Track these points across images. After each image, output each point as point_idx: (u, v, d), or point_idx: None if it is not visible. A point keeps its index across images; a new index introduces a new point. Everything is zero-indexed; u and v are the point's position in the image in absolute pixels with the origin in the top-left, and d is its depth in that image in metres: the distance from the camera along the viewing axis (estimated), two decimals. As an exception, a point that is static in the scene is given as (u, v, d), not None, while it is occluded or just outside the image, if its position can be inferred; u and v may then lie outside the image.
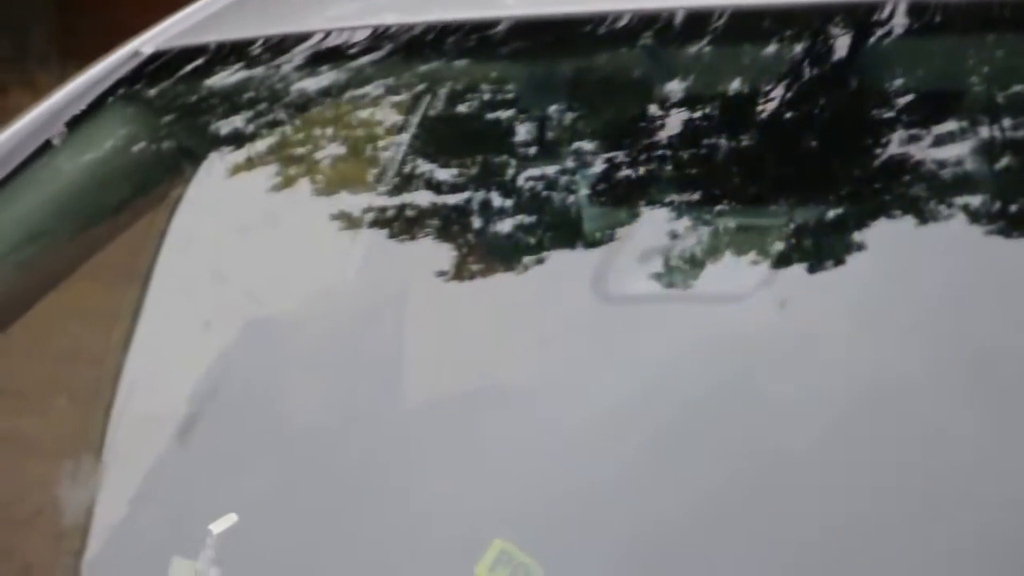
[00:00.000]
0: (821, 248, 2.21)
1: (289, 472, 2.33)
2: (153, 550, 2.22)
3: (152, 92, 2.69)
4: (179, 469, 2.38)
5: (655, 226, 2.28)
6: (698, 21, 2.39)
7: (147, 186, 2.76)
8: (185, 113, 2.72)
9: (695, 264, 2.25)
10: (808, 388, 2.16)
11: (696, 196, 2.35)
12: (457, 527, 2.19)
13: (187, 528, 2.14)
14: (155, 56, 2.64)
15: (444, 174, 2.54)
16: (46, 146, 2.56)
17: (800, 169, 2.33)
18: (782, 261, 2.19)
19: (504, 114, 2.59)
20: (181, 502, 2.30)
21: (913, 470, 2.09)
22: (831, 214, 2.27)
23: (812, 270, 2.20)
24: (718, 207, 2.32)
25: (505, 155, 2.49)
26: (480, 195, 2.47)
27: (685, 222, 2.28)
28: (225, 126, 2.66)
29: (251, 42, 2.60)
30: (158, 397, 2.55)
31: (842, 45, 2.31)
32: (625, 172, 2.43)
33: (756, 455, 2.12)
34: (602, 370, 2.24)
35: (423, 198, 2.50)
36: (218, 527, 2.09)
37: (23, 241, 2.65)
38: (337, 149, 2.65)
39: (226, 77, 2.62)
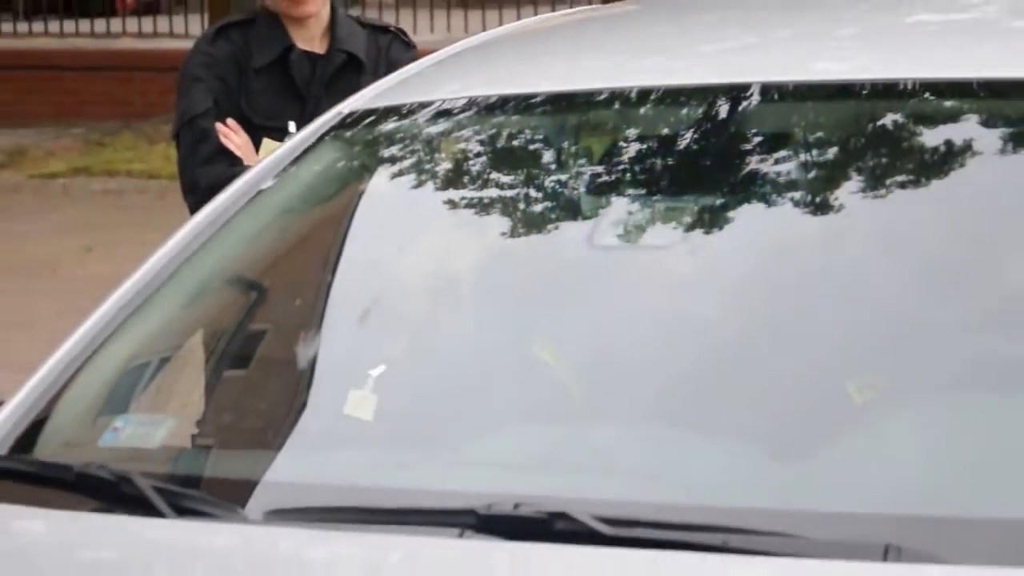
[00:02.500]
0: (707, 219, 2.77)
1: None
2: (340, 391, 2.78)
3: (347, 135, 3.21)
4: (363, 350, 2.93)
5: (622, 209, 2.89)
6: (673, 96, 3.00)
7: (338, 201, 3.27)
8: (367, 152, 3.25)
9: (640, 228, 2.86)
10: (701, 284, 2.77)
11: (644, 191, 2.93)
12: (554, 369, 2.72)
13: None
14: (351, 114, 3.20)
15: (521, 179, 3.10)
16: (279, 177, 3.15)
17: (697, 179, 2.89)
18: (689, 226, 2.77)
19: (566, 147, 3.13)
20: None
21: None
22: (713, 201, 2.81)
23: (704, 231, 2.78)
24: (655, 197, 2.89)
25: (553, 174, 3.09)
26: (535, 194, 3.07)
27: (639, 205, 2.88)
28: (395, 161, 3.21)
29: (418, 105, 3.18)
30: (353, 313, 3.03)
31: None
32: (605, 180, 3.02)
33: (684, 319, 2.70)
34: (594, 278, 2.86)
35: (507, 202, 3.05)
36: (375, 372, 2.74)
37: (256, 241, 3.20)
38: (474, 179, 3.15)
39: (400, 127, 3.18)
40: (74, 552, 2.51)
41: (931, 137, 2.81)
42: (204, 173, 4.73)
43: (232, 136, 4.64)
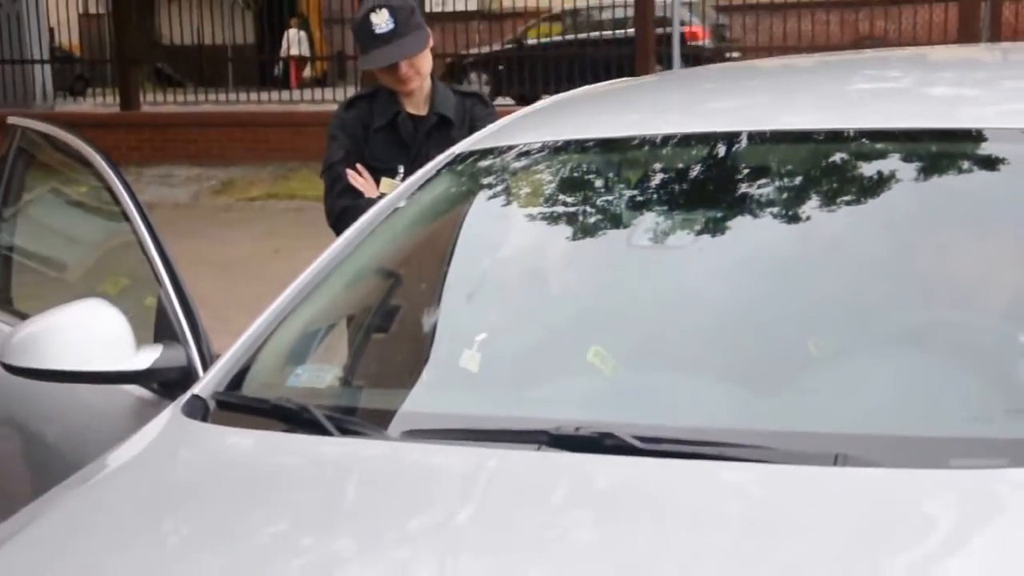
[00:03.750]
0: (710, 226, 2.77)
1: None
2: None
3: (458, 169, 3.17)
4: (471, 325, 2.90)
5: (650, 220, 2.89)
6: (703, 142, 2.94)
7: (451, 214, 3.21)
8: (471, 181, 3.18)
9: (664, 233, 2.84)
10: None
11: (665, 207, 2.91)
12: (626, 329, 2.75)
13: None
14: (460, 154, 3.19)
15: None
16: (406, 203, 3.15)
17: (703, 198, 2.86)
18: (698, 232, 2.77)
19: (610, 176, 3.10)
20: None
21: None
22: (714, 213, 2.79)
23: (708, 235, 2.76)
24: (673, 211, 2.88)
25: (601, 195, 3.06)
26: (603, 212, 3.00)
27: (662, 217, 2.88)
28: (491, 186, 3.18)
29: (507, 147, 3.15)
30: (463, 294, 3.07)
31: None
32: (638, 199, 2.97)
33: (708, 288, 2.72)
34: (631, 270, 2.87)
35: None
36: (479, 337, 2.75)
37: (393, 243, 3.16)
38: (547, 198, 3.12)
39: (494, 163, 3.15)
40: (269, 458, 2.54)
41: (864, 168, 2.81)
42: (336, 203, 4.73)
43: (358, 177, 4.68)
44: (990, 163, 2.72)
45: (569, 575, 1.98)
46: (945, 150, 2.81)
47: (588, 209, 3.07)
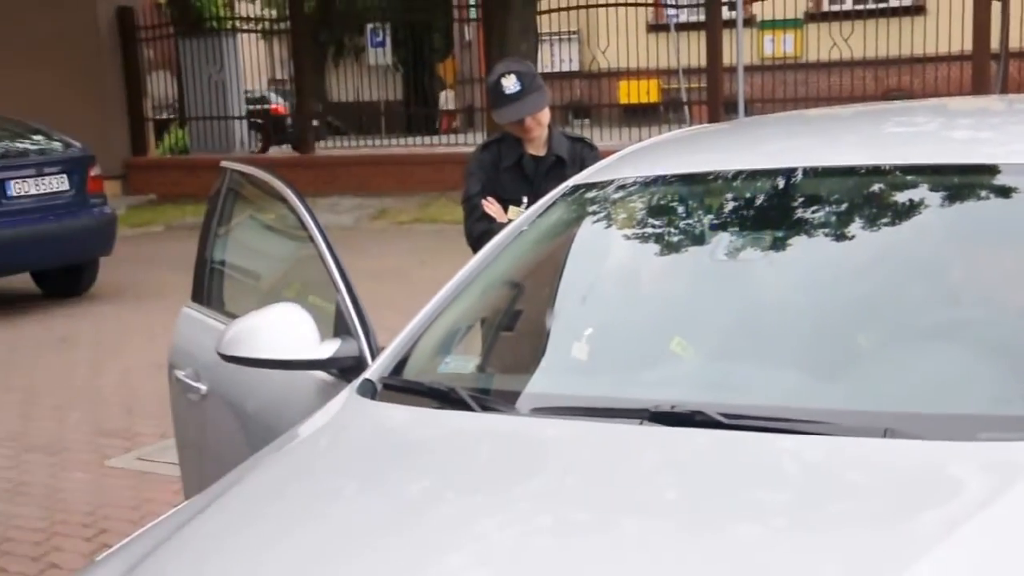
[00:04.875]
0: (775, 243, 2.74)
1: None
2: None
3: (572, 197, 3.14)
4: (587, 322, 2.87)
5: (726, 238, 2.86)
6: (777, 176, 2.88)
7: (567, 234, 3.16)
8: (583, 207, 3.13)
9: (738, 249, 2.79)
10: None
11: (738, 228, 2.85)
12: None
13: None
14: (575, 186, 3.19)
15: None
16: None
17: (768, 221, 2.81)
18: (765, 247, 2.74)
19: (692, 203, 3.03)
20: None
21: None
22: (777, 233, 2.75)
23: (774, 251, 2.73)
24: (745, 231, 2.82)
25: (686, 218, 3.01)
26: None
27: (736, 236, 2.83)
28: (599, 211, 3.15)
29: (610, 180, 3.15)
30: (575, 298, 3.04)
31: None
32: (716, 222, 2.92)
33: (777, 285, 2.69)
34: (713, 279, 2.83)
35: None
36: (587, 332, 2.76)
37: (519, 258, 3.13)
38: (642, 220, 3.07)
39: (601, 193, 3.13)
40: (424, 429, 2.54)
41: (898, 195, 2.77)
42: (474, 227, 4.77)
43: (491, 206, 4.73)
44: (1003, 191, 2.68)
45: (663, 524, 1.98)
46: (965, 181, 2.77)
47: (674, 230, 3.02)
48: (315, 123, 18.89)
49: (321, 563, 2.01)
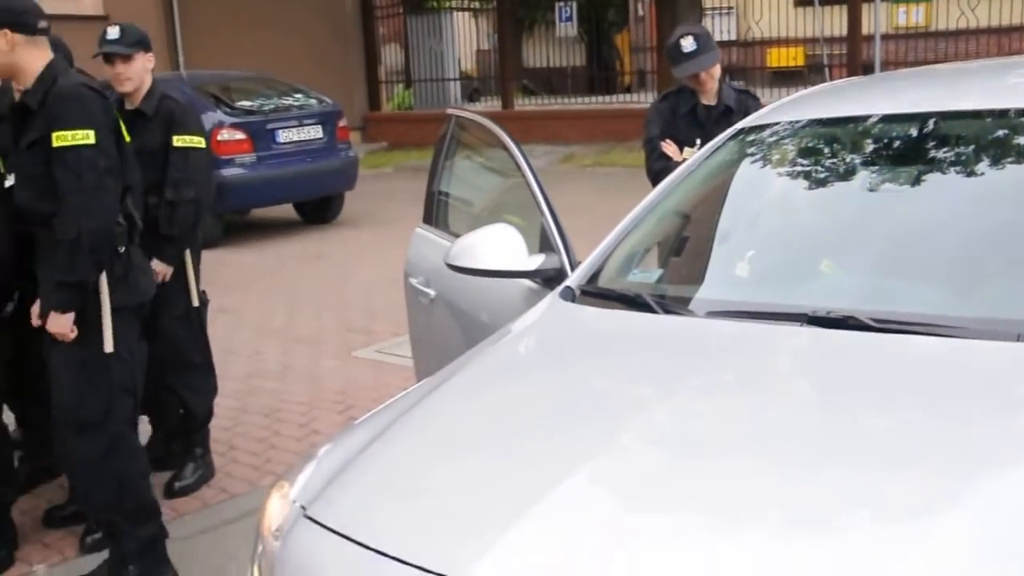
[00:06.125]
0: (911, 177, 2.61)
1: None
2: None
3: (739, 139, 3.05)
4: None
5: (869, 172, 2.70)
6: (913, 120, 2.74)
7: (733, 169, 3.02)
8: (748, 146, 3.02)
9: (879, 182, 2.66)
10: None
11: (878, 165, 2.71)
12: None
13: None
14: (742, 129, 3.11)
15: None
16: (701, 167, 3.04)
17: (904, 158, 2.65)
18: (902, 181, 2.62)
19: (841, 141, 2.87)
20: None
21: None
22: (913, 168, 2.62)
23: (910, 184, 2.60)
24: (885, 167, 2.69)
25: (835, 156, 2.85)
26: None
27: (877, 170, 2.69)
28: (761, 151, 3.02)
29: (772, 123, 3.04)
30: (739, 225, 2.89)
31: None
32: (859, 159, 2.75)
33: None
34: (859, 205, 2.66)
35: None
36: (749, 254, 2.69)
37: (691, 192, 3.03)
38: (797, 157, 2.93)
39: (763, 134, 3.02)
40: (615, 327, 2.51)
41: (1018, 136, 2.61)
42: (654, 165, 4.66)
43: (668, 147, 4.65)
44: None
45: (820, 403, 1.92)
46: None
47: (826, 165, 2.87)
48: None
49: (521, 437, 2.00)
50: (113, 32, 3.99)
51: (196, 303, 4.27)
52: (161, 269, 4.06)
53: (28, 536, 3.90)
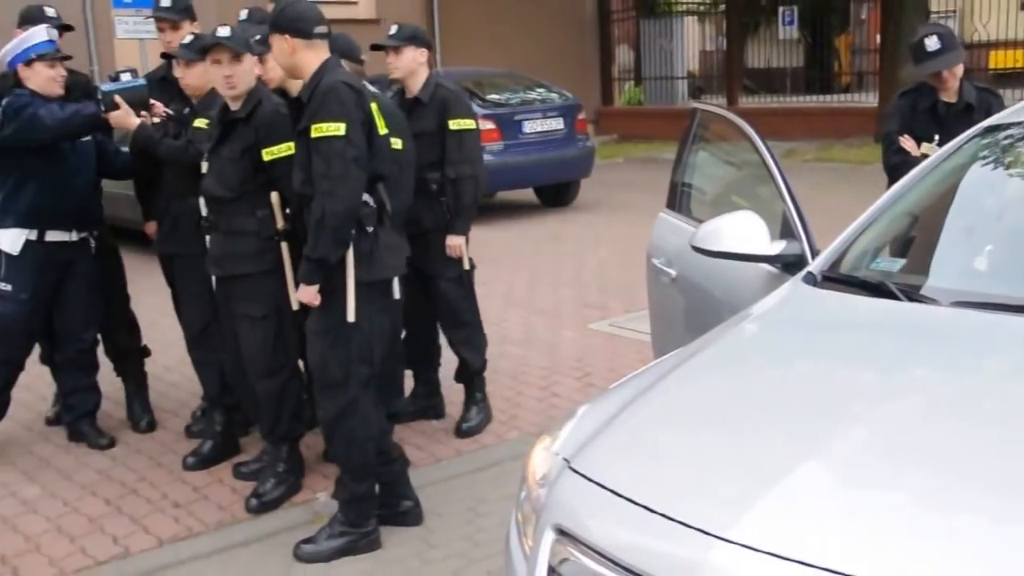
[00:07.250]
0: None
1: None
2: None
3: (982, 137, 2.86)
4: None
5: None
6: None
7: (974, 164, 2.78)
8: (991, 143, 2.83)
9: None
10: None
11: None
12: None
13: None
14: (987, 127, 2.87)
15: None
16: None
17: None
18: None
19: None
20: None
21: None
22: None
23: None
24: None
25: None
26: None
27: None
28: (997, 144, 2.82)
29: (1012, 123, 2.82)
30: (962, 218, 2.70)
31: None
32: None
33: None
34: None
35: None
36: (988, 248, 2.53)
37: (936, 184, 2.80)
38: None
39: (1001, 134, 2.82)
40: (857, 312, 2.41)
41: None
42: (891, 158, 4.40)
43: (906, 141, 4.39)
44: None
45: None
46: None
47: None
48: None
49: (769, 414, 1.95)
50: (391, 29, 4.28)
51: (467, 267, 4.37)
52: (454, 242, 4.23)
53: (312, 467, 4.07)
